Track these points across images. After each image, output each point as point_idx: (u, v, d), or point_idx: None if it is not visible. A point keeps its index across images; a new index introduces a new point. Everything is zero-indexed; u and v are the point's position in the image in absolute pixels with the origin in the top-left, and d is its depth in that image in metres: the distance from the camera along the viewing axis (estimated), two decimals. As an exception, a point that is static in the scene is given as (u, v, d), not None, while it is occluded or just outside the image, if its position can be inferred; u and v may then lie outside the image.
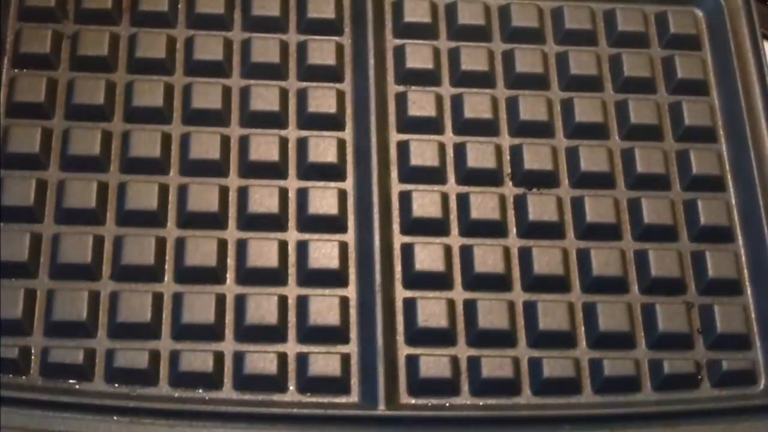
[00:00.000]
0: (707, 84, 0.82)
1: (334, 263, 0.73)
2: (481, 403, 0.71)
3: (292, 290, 0.72)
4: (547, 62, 0.81)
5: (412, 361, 0.71)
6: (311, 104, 0.77)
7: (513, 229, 0.76)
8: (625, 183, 0.78)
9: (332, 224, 0.74)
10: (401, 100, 0.78)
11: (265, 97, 0.77)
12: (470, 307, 0.73)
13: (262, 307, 0.71)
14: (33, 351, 0.69)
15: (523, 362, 0.72)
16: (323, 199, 0.75)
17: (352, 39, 0.80)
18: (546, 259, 0.74)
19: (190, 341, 0.70)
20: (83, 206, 0.72)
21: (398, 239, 0.74)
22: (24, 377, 0.68)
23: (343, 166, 0.76)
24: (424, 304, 0.72)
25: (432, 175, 0.76)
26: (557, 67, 0.81)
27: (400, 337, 0.72)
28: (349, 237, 0.74)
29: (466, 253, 0.74)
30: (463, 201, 0.76)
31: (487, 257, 0.74)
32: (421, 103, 0.78)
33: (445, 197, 0.76)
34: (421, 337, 0.72)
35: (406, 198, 0.75)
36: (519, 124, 0.78)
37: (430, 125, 0.78)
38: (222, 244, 0.73)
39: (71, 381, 0.69)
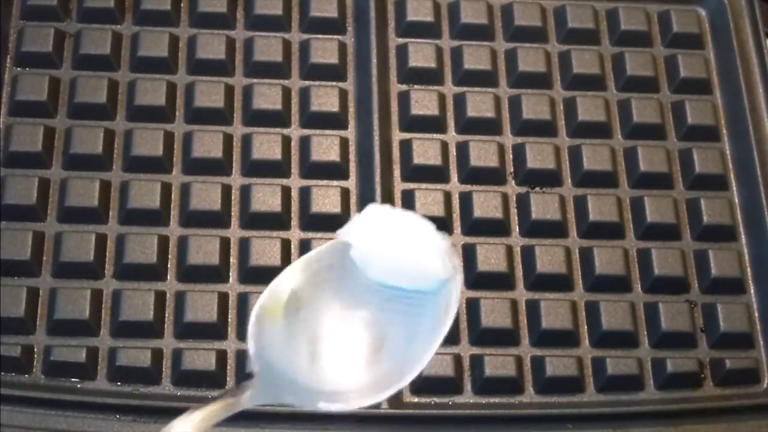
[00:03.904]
0: (710, 83, 0.82)
1: (336, 262, 0.73)
2: (484, 402, 0.71)
3: (294, 289, 0.72)
4: (549, 61, 0.81)
5: (415, 360, 0.71)
6: (314, 103, 0.77)
7: (516, 228, 0.76)
8: (627, 182, 0.78)
9: (335, 223, 0.73)
10: (404, 98, 0.78)
11: (267, 95, 0.77)
12: (473, 305, 0.73)
13: (265, 306, 0.71)
14: (35, 349, 0.69)
15: (525, 361, 0.72)
16: (326, 198, 0.75)
17: (354, 38, 0.80)
18: (549, 257, 0.74)
19: (193, 340, 0.70)
20: (86, 205, 0.72)
21: (401, 238, 0.74)
22: (26, 376, 0.68)
23: (346, 165, 0.76)
24: (426, 302, 0.72)
25: (434, 174, 0.76)
26: (560, 66, 0.81)
27: (403, 336, 0.72)
28: (352, 236, 0.74)
29: (469, 251, 0.74)
30: (466, 200, 0.76)
31: (490, 256, 0.74)
32: (423, 101, 0.78)
33: (447, 196, 0.76)
34: (423, 335, 0.72)
35: (408, 197, 0.75)
36: (522, 123, 0.78)
37: (432, 124, 0.78)
38: (225, 243, 0.73)
39: (74, 380, 0.69)
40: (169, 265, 0.72)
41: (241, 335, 0.71)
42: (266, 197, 0.74)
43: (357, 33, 0.80)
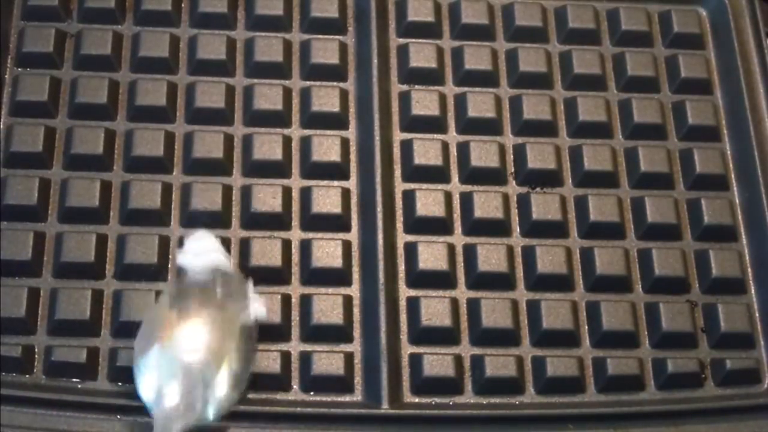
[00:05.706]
0: (711, 83, 0.82)
1: (337, 262, 0.73)
2: (484, 402, 0.71)
3: (295, 289, 0.72)
4: (550, 61, 0.81)
5: (416, 360, 0.71)
6: (315, 103, 0.77)
7: (516, 228, 0.76)
8: (628, 182, 0.78)
9: (335, 223, 0.74)
10: (405, 99, 0.78)
11: (268, 96, 0.77)
12: (474, 305, 0.73)
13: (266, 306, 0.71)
14: (36, 350, 0.69)
15: (526, 361, 0.72)
16: (327, 198, 0.74)
17: (355, 38, 0.80)
18: (549, 258, 0.74)
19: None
20: (86, 205, 0.72)
21: (401, 238, 0.74)
22: (27, 376, 0.68)
23: (347, 165, 0.76)
24: (427, 302, 0.72)
25: (435, 174, 0.76)
26: (561, 66, 0.81)
27: (404, 336, 0.72)
28: (353, 236, 0.74)
29: (470, 252, 0.74)
30: (467, 200, 0.76)
31: (491, 256, 0.74)
32: (424, 102, 0.78)
33: (448, 196, 0.76)
34: (424, 335, 0.72)
35: (409, 197, 0.75)
36: (522, 123, 0.78)
37: (433, 124, 0.78)
38: (225, 243, 0.72)
39: (74, 380, 0.69)
40: (169, 266, 0.72)
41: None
42: (267, 197, 0.74)
43: (358, 33, 0.80)
